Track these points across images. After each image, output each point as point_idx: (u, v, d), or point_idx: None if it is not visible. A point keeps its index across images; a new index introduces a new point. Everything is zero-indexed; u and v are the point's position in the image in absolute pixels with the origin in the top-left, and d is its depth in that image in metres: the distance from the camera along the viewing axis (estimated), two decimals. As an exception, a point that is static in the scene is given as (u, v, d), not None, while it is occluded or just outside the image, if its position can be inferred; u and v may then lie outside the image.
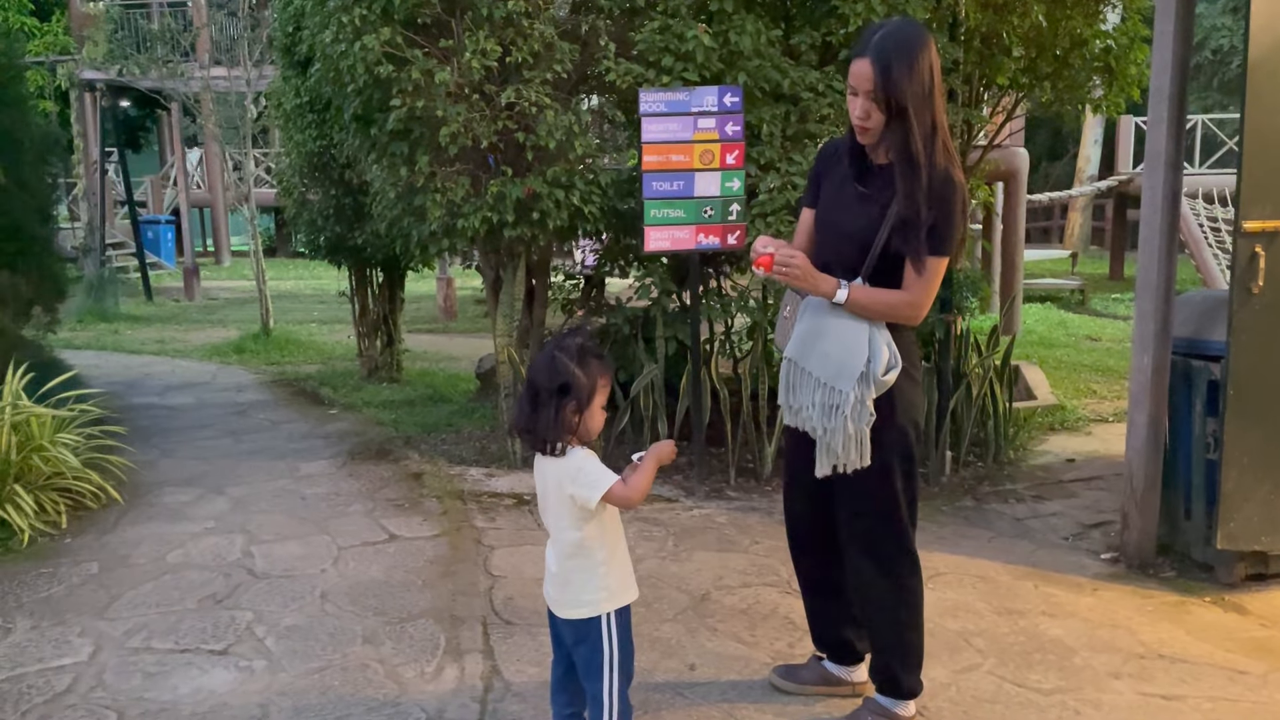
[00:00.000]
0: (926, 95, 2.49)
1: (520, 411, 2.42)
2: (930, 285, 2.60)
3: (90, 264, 13.21)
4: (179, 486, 5.08)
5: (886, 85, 2.48)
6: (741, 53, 4.65)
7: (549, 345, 2.47)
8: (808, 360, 2.69)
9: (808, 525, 2.95)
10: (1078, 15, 5.51)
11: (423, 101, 4.46)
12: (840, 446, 2.62)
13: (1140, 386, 4.17)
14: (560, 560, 2.47)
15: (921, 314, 2.64)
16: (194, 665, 3.13)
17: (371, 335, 7.85)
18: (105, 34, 12.50)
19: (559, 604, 2.49)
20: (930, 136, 2.52)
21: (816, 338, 2.67)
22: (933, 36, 2.57)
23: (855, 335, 2.60)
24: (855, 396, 2.58)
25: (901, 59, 2.47)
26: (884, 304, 2.61)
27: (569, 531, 2.45)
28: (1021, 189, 10.43)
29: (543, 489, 2.46)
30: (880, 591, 2.78)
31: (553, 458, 2.39)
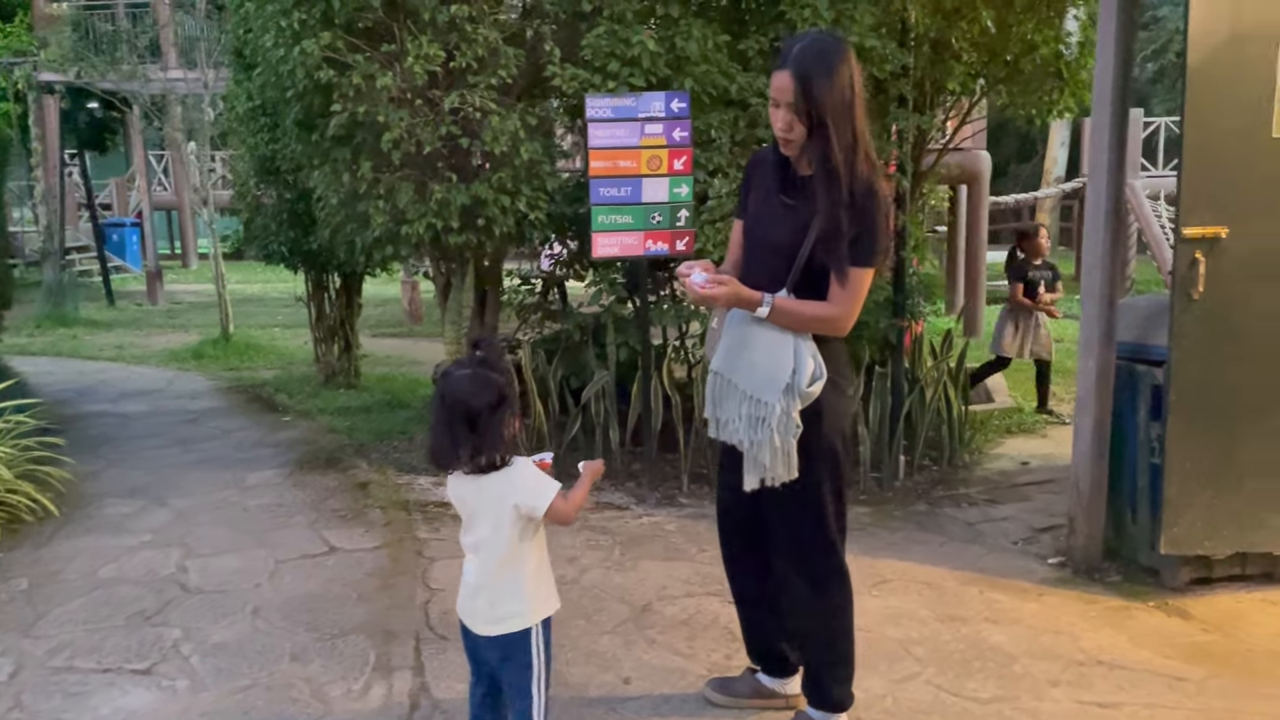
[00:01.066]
0: (846, 107, 2.47)
1: (449, 440, 2.32)
2: (854, 297, 2.57)
3: (50, 268, 13.02)
4: (121, 498, 4.99)
5: (806, 97, 2.45)
6: (689, 58, 4.62)
7: (460, 367, 2.40)
8: (733, 372, 2.65)
9: (741, 538, 2.93)
10: (1029, 20, 5.52)
11: (364, 106, 4.40)
12: (767, 459, 2.59)
13: (1086, 391, 4.17)
14: (490, 575, 2.40)
15: (847, 325, 2.62)
16: (115, 685, 3.07)
17: (329, 340, 7.77)
18: (62, 36, 12.31)
19: (487, 620, 2.41)
20: (851, 148, 2.49)
21: (742, 349, 2.64)
22: (850, 49, 2.54)
23: (780, 347, 2.57)
24: (781, 408, 2.55)
25: (821, 71, 2.44)
26: (808, 316, 2.58)
27: (508, 545, 2.39)
28: (983, 191, 10.47)
29: (475, 505, 2.38)
30: (810, 605, 2.76)
31: (492, 472, 2.34)
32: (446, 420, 2.32)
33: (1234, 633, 3.50)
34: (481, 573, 2.40)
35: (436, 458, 2.37)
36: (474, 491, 2.36)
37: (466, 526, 2.43)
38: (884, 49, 4.85)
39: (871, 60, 4.86)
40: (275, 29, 4.45)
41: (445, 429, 2.32)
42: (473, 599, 2.42)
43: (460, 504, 2.41)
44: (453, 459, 2.33)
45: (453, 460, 2.34)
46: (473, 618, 2.43)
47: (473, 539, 2.41)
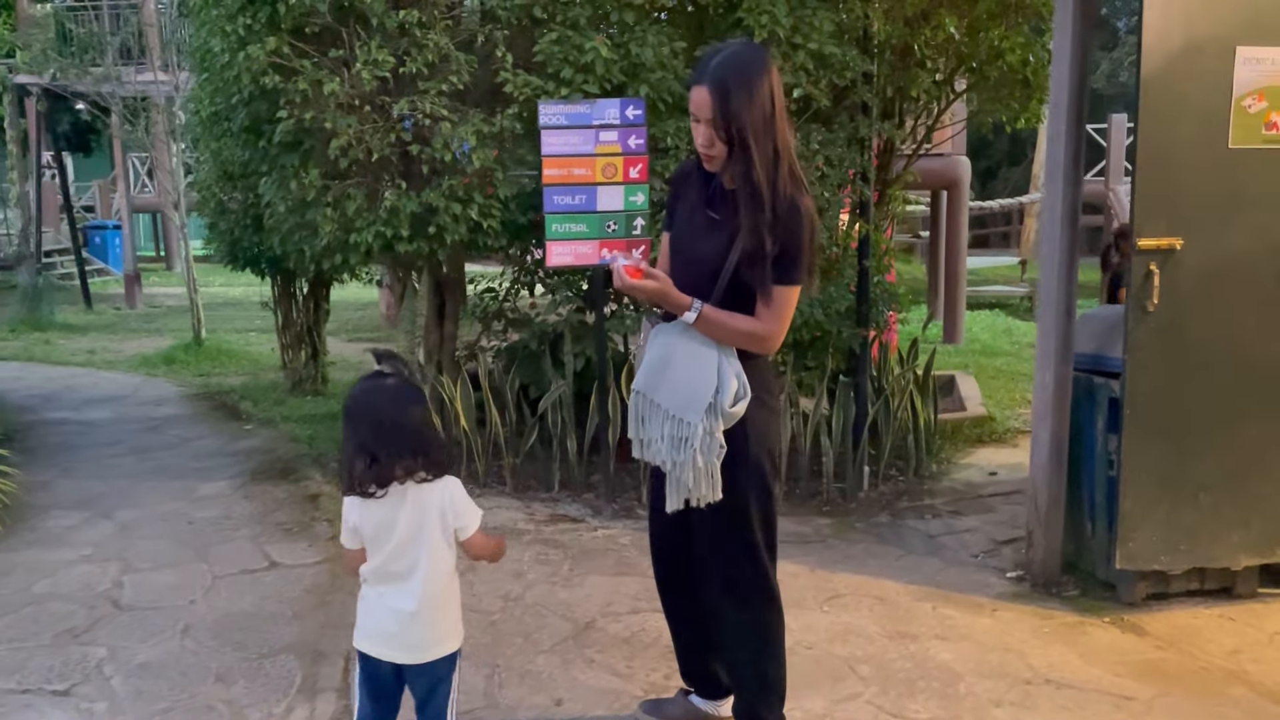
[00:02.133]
0: (768, 122, 2.40)
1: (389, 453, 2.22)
2: (780, 315, 2.51)
3: (25, 272, 12.92)
4: (68, 509, 4.91)
5: (725, 114, 2.38)
6: (644, 64, 4.56)
7: (379, 379, 2.32)
8: (656, 391, 2.59)
9: (672, 558, 2.86)
10: (995, 27, 5.47)
11: (311, 113, 4.33)
12: (690, 480, 2.51)
13: (1043, 403, 4.12)
14: (428, 599, 2.30)
15: (773, 344, 2.56)
16: (32, 707, 2.99)
17: (296, 346, 7.69)
18: (36, 37, 12.22)
19: (425, 647, 2.32)
20: (773, 164, 2.42)
21: (664, 367, 2.57)
22: (773, 61, 2.49)
23: (703, 365, 2.51)
24: (704, 428, 2.48)
25: (740, 86, 2.37)
26: (734, 330, 2.51)
27: (448, 562, 2.34)
28: (963, 197, 10.42)
29: (404, 526, 2.25)
30: (738, 628, 2.70)
31: (425, 485, 2.26)
32: (382, 434, 2.22)
33: (1188, 650, 3.45)
34: (422, 597, 2.29)
35: (377, 476, 2.22)
36: (402, 511, 2.25)
37: (390, 552, 2.27)
38: (844, 56, 4.79)
39: (831, 67, 4.81)
40: (221, 34, 4.39)
41: (384, 442, 2.21)
42: (406, 628, 2.29)
43: (378, 528, 2.26)
44: (391, 475, 2.23)
45: (391, 476, 2.23)
46: (404, 649, 2.31)
47: (404, 564, 2.28)
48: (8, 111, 13.27)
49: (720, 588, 2.68)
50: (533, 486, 5.18)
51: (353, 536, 2.30)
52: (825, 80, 4.83)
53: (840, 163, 4.97)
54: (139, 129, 10.80)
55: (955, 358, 9.34)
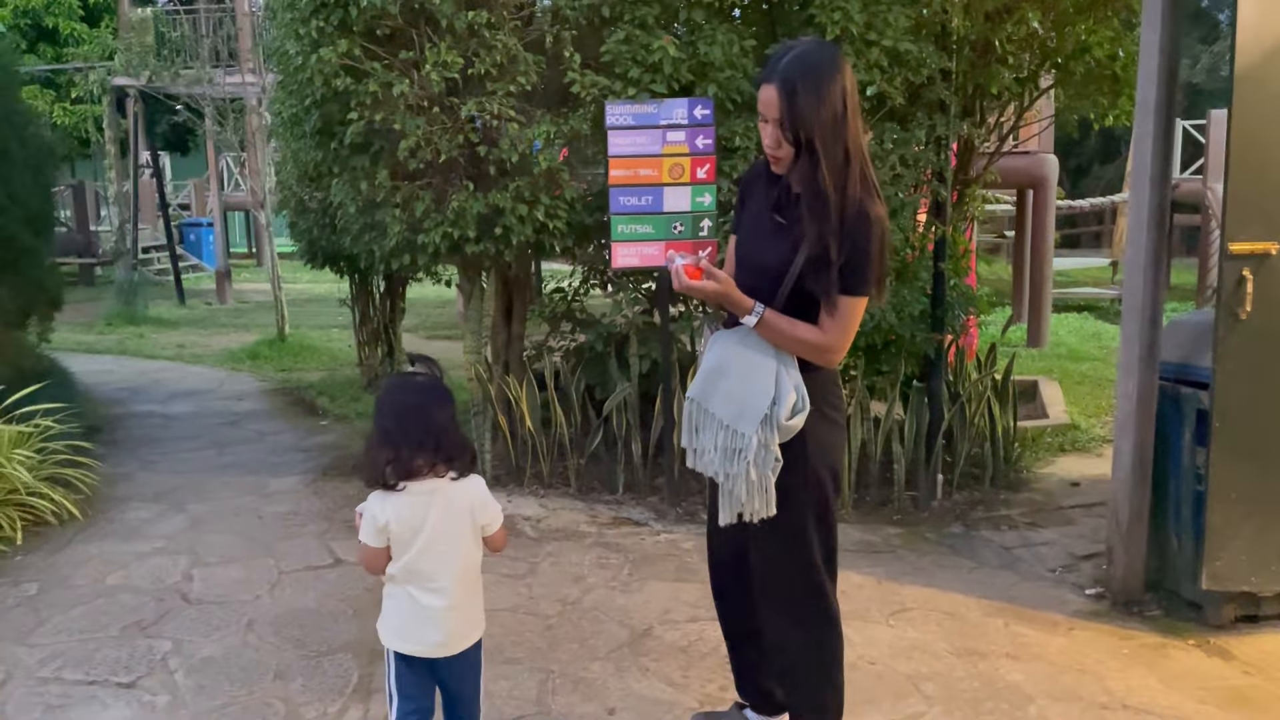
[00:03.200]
0: (838, 124, 2.30)
1: (429, 446, 2.28)
2: (843, 327, 2.40)
3: (121, 267, 13.38)
4: (145, 502, 5.04)
5: (792, 115, 2.30)
6: (712, 63, 4.49)
7: (407, 382, 2.40)
8: (710, 400, 2.51)
9: (730, 572, 2.80)
10: (1081, 21, 5.26)
11: (381, 114, 4.37)
12: (744, 493, 2.43)
13: (1126, 414, 3.95)
14: (460, 592, 2.38)
15: (835, 357, 2.46)
16: (97, 699, 3.07)
17: (372, 344, 7.80)
18: (129, 42, 12.65)
19: (463, 637, 2.39)
20: (842, 168, 2.32)
21: (720, 376, 2.49)
22: (847, 60, 2.38)
23: (761, 374, 2.42)
24: (758, 440, 2.39)
25: (809, 87, 2.29)
26: (794, 338, 2.42)
27: (472, 559, 2.40)
28: (1050, 196, 10.09)
29: (435, 522, 2.30)
30: (795, 647, 2.61)
31: (458, 481, 2.33)
32: (404, 426, 2.27)
33: (1278, 676, 3.26)
34: (454, 592, 2.35)
35: (398, 468, 2.26)
36: (433, 509, 2.30)
37: (420, 550, 2.30)
38: (921, 53, 4.66)
39: (907, 65, 4.68)
40: (295, 37, 4.45)
41: (406, 435, 2.26)
42: (439, 624, 2.34)
43: (408, 526, 2.29)
44: (411, 468, 2.28)
45: (412, 470, 2.28)
46: (439, 644, 2.36)
47: (434, 560, 2.32)
48: (107, 113, 13.77)
49: (776, 605, 2.61)
50: (596, 488, 5.16)
51: (379, 535, 2.32)
52: (900, 78, 4.70)
53: (916, 162, 4.84)
54: (228, 130, 11.08)
55: (1039, 362, 9.06)
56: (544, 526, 4.67)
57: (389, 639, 2.38)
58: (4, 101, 6.03)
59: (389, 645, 2.38)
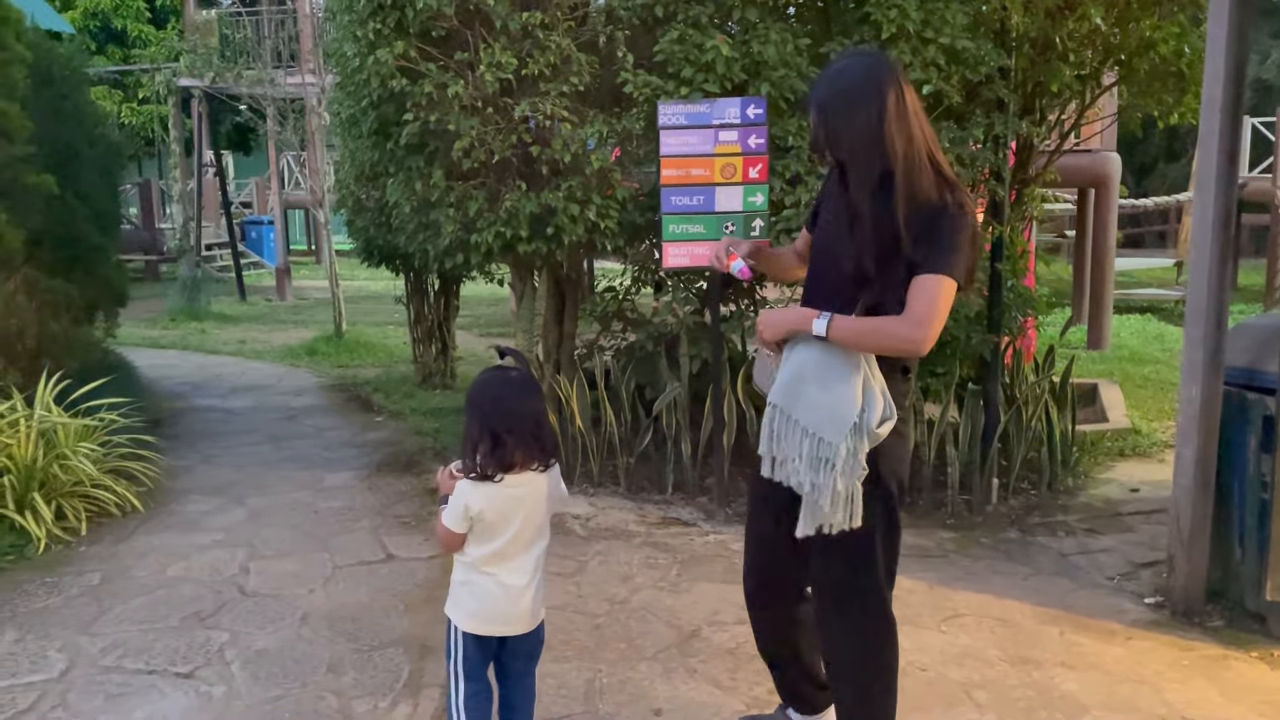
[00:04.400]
0: (874, 140, 2.28)
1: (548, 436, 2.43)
2: (929, 308, 2.23)
3: (185, 264, 13.68)
4: (204, 495, 5.15)
5: (826, 136, 2.35)
6: (766, 62, 4.47)
7: (503, 376, 2.46)
8: (794, 407, 2.39)
9: (767, 581, 2.75)
10: (1146, 17, 5.14)
11: (436, 115, 4.41)
12: (828, 505, 2.33)
13: (1189, 419, 3.86)
14: (535, 572, 2.48)
15: (922, 345, 2.26)
16: (155, 688, 3.14)
17: (426, 341, 7.89)
18: (194, 44, 12.94)
19: (535, 614, 2.51)
20: (878, 182, 2.30)
21: (804, 382, 2.38)
22: (895, 70, 2.32)
23: (846, 380, 2.32)
24: (847, 449, 2.30)
25: (839, 109, 2.31)
26: (875, 329, 2.30)
27: (546, 538, 2.51)
28: (1112, 196, 9.89)
29: (532, 505, 2.42)
30: (849, 656, 2.57)
31: (544, 471, 2.44)
32: (505, 419, 2.36)
33: (1343, 692, 3.17)
34: (532, 571, 2.46)
35: (500, 460, 2.35)
36: (528, 497, 2.40)
37: (513, 536, 2.41)
38: (978, 51, 4.59)
39: (964, 63, 4.61)
40: (353, 38, 4.51)
41: (506, 427, 2.35)
42: (516, 602, 2.45)
43: (502, 514, 2.38)
44: (512, 459, 2.36)
45: (513, 461, 2.37)
46: (516, 621, 2.46)
47: (522, 544, 2.43)
48: (173, 113, 14.09)
49: (834, 612, 2.54)
50: (646, 488, 5.16)
51: (465, 521, 2.39)
52: (957, 76, 4.64)
53: (972, 161, 4.77)
54: (288, 130, 11.28)
55: (1100, 365, 8.89)
56: (593, 525, 4.68)
57: (466, 622, 2.44)
58: (74, 104, 6.20)
59: (466, 629, 2.44)
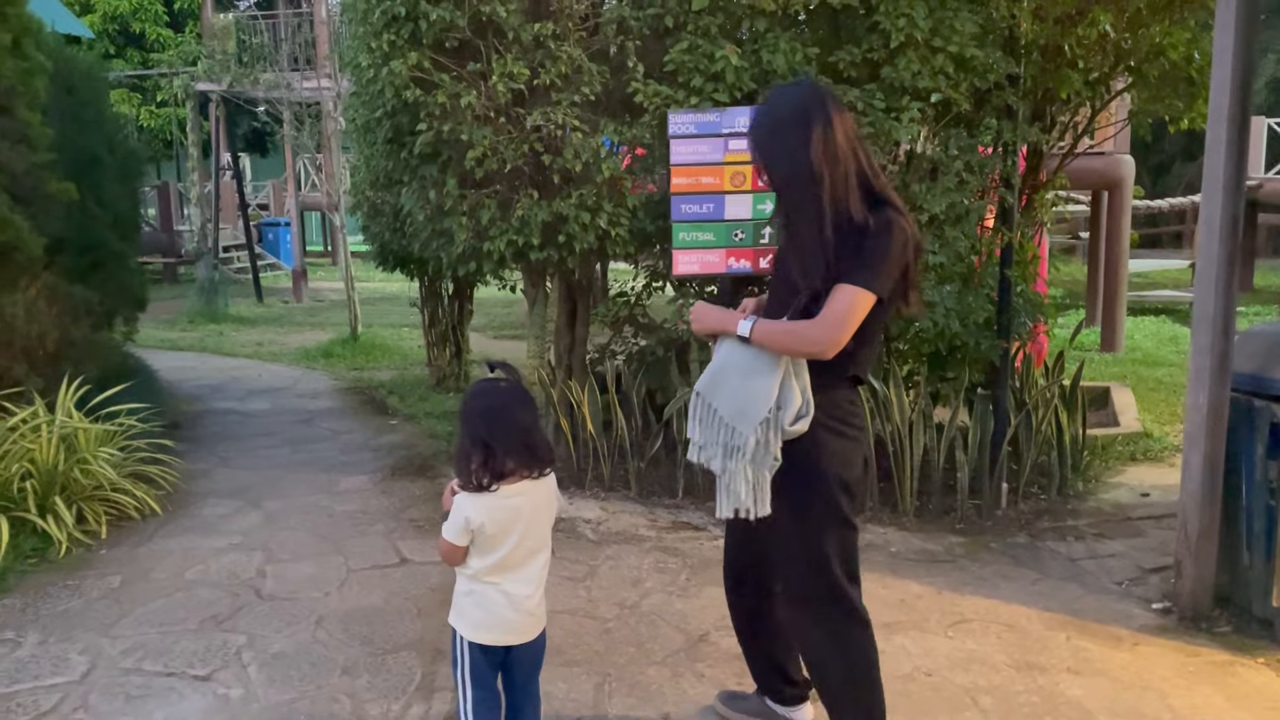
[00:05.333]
0: (800, 171, 2.45)
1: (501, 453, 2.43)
2: (836, 314, 2.38)
3: (202, 266, 13.80)
4: (222, 498, 5.23)
5: (762, 164, 2.58)
6: (775, 71, 4.51)
7: (492, 388, 2.52)
8: (716, 397, 2.54)
9: (743, 568, 2.91)
10: (1157, 23, 5.15)
11: (449, 125, 4.47)
12: (742, 490, 2.50)
13: (1196, 426, 3.88)
14: (540, 580, 2.54)
15: (822, 347, 2.40)
16: (174, 690, 3.20)
17: (440, 344, 7.96)
18: (210, 49, 13.06)
19: (540, 621, 2.56)
20: (816, 201, 2.43)
21: (727, 375, 2.53)
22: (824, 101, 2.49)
23: (763, 376, 2.46)
24: (757, 441, 2.45)
25: (769, 141, 2.54)
26: (786, 330, 2.45)
27: (548, 546, 2.56)
28: (1125, 198, 9.87)
29: (529, 514, 2.46)
30: (819, 645, 2.67)
31: (541, 479, 2.49)
32: (496, 429, 2.41)
33: (1351, 699, 3.19)
34: (537, 580, 2.52)
35: (492, 470, 2.41)
36: (528, 500, 2.45)
37: (515, 545, 2.45)
38: (987, 58, 4.62)
39: (973, 70, 4.64)
40: (367, 50, 4.58)
41: (498, 437, 2.40)
42: (522, 610, 2.49)
43: (503, 525, 2.42)
44: (504, 469, 2.42)
45: (505, 471, 2.42)
46: (521, 629, 2.51)
47: (525, 553, 2.48)
48: (190, 116, 14.22)
49: (795, 603, 2.67)
50: (656, 492, 5.21)
51: (466, 534, 2.43)
52: (966, 84, 4.67)
53: (981, 168, 4.79)
54: (304, 134, 11.37)
55: (1113, 367, 8.88)
56: (604, 529, 4.73)
57: (471, 632, 2.49)
58: (95, 111, 6.29)
59: (471, 638, 2.49)
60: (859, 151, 2.48)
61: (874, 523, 4.86)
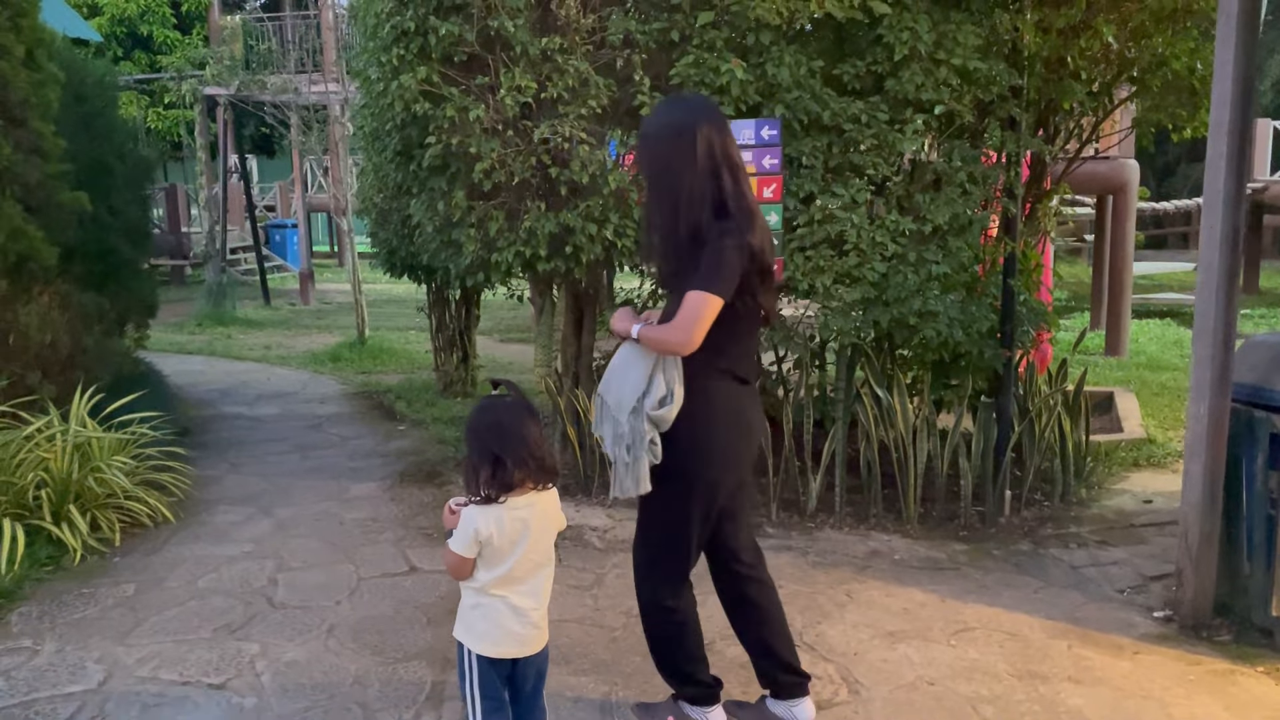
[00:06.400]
0: (662, 179, 2.80)
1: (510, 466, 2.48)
2: (686, 317, 2.70)
3: (211, 270, 13.87)
4: (234, 505, 5.28)
5: (641, 168, 2.92)
6: (780, 85, 4.55)
7: (498, 403, 2.57)
8: (607, 392, 2.90)
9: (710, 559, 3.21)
10: (1158, 34, 5.18)
11: (458, 138, 4.52)
12: (623, 472, 2.81)
13: (1196, 436, 3.92)
14: (544, 592, 2.60)
15: (677, 347, 2.73)
16: (190, 699, 3.26)
17: (448, 350, 8.00)
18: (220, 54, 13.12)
19: (542, 633, 2.60)
20: (673, 208, 2.76)
21: (615, 373, 2.90)
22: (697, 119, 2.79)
23: (637, 369, 2.81)
24: (630, 427, 2.77)
25: (642, 143, 2.91)
26: (652, 337, 2.79)
27: (552, 559, 2.62)
28: (1130, 202, 9.90)
29: (537, 527, 2.52)
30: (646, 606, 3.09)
31: (544, 492, 2.55)
32: (504, 442, 2.47)
33: (1350, 708, 3.22)
34: (541, 591, 2.58)
35: (501, 482, 2.47)
36: (534, 519, 2.51)
37: (521, 558, 2.50)
38: (991, 71, 4.66)
39: (976, 83, 4.68)
40: (378, 63, 4.63)
41: (506, 450, 2.47)
42: (527, 622, 2.55)
43: (510, 537, 2.48)
44: (512, 481, 2.47)
45: (513, 483, 2.48)
46: (526, 642, 2.56)
47: (530, 566, 2.53)
48: (198, 120, 14.29)
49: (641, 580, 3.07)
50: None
51: (474, 546, 2.48)
52: (970, 96, 4.71)
53: (985, 179, 4.84)
54: (312, 139, 11.43)
55: (1117, 372, 8.90)
56: (610, 538, 4.78)
57: (478, 645, 2.54)
58: (105, 120, 6.36)
59: (479, 651, 2.54)
60: (722, 168, 2.75)
61: (878, 530, 4.91)
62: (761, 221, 2.82)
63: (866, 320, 4.70)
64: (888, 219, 4.66)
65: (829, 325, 4.69)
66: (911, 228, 4.66)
